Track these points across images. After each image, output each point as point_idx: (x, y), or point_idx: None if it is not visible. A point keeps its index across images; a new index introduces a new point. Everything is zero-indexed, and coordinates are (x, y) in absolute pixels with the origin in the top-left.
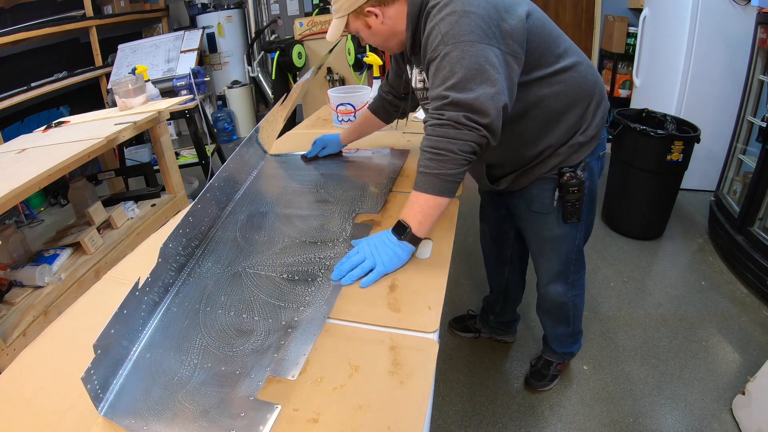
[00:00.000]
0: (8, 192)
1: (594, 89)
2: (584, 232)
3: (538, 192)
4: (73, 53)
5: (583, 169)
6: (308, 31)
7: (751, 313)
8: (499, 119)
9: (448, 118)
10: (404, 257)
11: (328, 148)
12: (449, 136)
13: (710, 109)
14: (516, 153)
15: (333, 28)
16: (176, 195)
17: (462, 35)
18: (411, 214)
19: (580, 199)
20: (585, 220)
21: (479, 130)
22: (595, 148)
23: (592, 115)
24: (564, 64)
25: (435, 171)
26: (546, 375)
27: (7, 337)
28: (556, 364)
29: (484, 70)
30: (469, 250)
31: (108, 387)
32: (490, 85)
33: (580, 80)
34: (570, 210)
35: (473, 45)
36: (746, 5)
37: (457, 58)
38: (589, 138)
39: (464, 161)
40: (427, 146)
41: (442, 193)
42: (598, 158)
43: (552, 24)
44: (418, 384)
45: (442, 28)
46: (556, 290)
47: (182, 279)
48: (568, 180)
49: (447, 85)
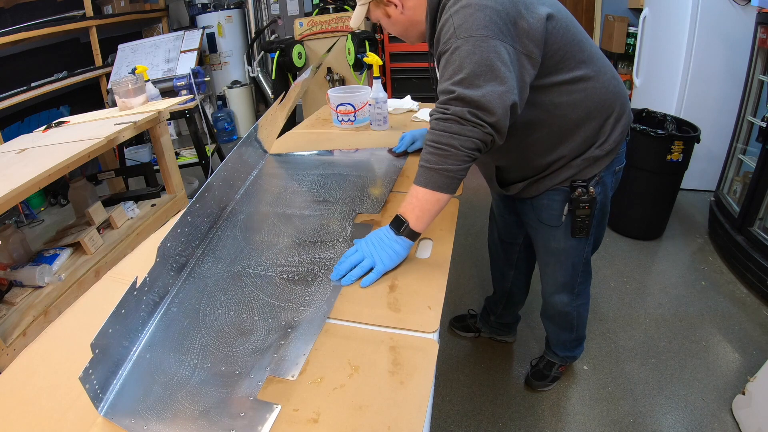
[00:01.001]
0: (8, 192)
1: (615, 102)
2: (593, 244)
3: (548, 203)
4: (73, 53)
5: (596, 183)
6: (308, 31)
7: (751, 313)
8: (506, 118)
9: (452, 113)
10: (402, 253)
11: (418, 143)
12: (452, 132)
13: (710, 109)
14: (527, 160)
15: (356, 15)
16: (176, 195)
17: (475, 29)
18: (409, 209)
19: (590, 216)
20: (594, 234)
21: (484, 127)
22: (610, 162)
23: (611, 129)
24: (585, 72)
25: (436, 166)
26: (547, 376)
27: (7, 337)
28: (558, 366)
29: (495, 67)
30: (469, 250)
31: (108, 387)
32: (499, 82)
33: (601, 91)
34: (579, 225)
35: (485, 40)
36: (746, 5)
37: (467, 53)
38: (605, 152)
39: (467, 158)
40: (430, 140)
41: (442, 188)
42: (613, 173)
43: (579, 28)
44: (418, 384)
45: (456, 21)
46: (561, 300)
47: (182, 279)
48: (579, 196)
49: (455, 80)
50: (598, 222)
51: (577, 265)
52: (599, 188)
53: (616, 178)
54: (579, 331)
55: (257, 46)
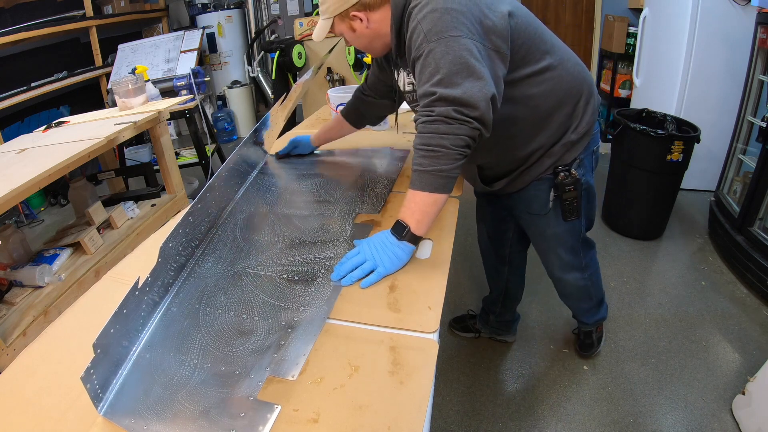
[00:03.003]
0: (8, 192)
1: (582, 86)
2: (586, 222)
3: (536, 193)
4: (73, 53)
5: (578, 166)
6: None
7: (751, 313)
8: (489, 111)
9: (438, 114)
10: (404, 258)
11: (299, 149)
12: (441, 132)
13: (710, 109)
14: (508, 154)
15: (318, 28)
16: (176, 195)
17: (445, 31)
18: (409, 213)
19: (577, 197)
20: (585, 213)
21: (470, 122)
22: (587, 144)
23: (582, 112)
24: (550, 62)
25: (429, 168)
26: (592, 343)
27: (7, 337)
28: (595, 330)
29: (469, 64)
30: (469, 250)
31: (108, 387)
32: (475, 77)
33: (567, 78)
34: (569, 208)
35: (456, 40)
36: (746, 5)
37: (441, 54)
38: (580, 135)
39: (458, 155)
40: (420, 144)
41: (438, 189)
42: (591, 153)
43: (537, 22)
44: (418, 384)
45: (425, 26)
46: (573, 277)
47: (182, 279)
48: (563, 180)
49: (433, 81)
50: (587, 201)
51: (576, 245)
52: (581, 170)
53: (595, 157)
54: (597, 295)
55: (257, 46)
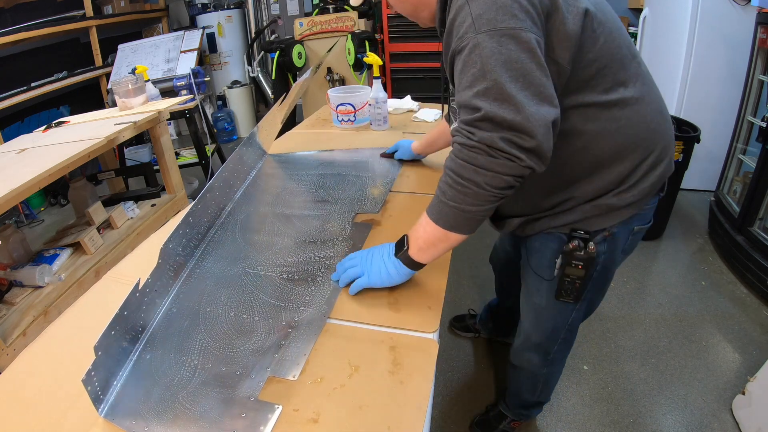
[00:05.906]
0: (8, 192)
1: (657, 141)
2: (584, 311)
3: (539, 246)
4: (73, 53)
5: (603, 240)
6: (308, 31)
7: (751, 313)
8: (549, 139)
9: (479, 140)
10: (393, 275)
11: (400, 152)
12: (477, 164)
13: (710, 109)
14: (528, 197)
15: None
16: (176, 195)
17: (500, 20)
18: (414, 237)
19: (582, 279)
20: (589, 299)
21: (521, 159)
22: (629, 218)
23: (642, 176)
24: (624, 95)
25: (451, 202)
26: (495, 428)
27: (7, 337)
28: (509, 421)
29: (529, 70)
30: (469, 250)
31: (108, 388)
32: (535, 90)
33: (640, 125)
34: (567, 287)
35: (515, 33)
36: (746, 5)
37: (492, 52)
38: (625, 203)
39: (492, 198)
40: (450, 168)
41: (454, 228)
42: (630, 232)
43: (623, 36)
44: (418, 384)
45: (474, 9)
46: (530, 359)
47: (182, 279)
48: (573, 250)
49: (477, 90)
50: (594, 287)
51: (558, 330)
52: (605, 246)
53: (633, 238)
54: (542, 396)
55: (257, 46)
